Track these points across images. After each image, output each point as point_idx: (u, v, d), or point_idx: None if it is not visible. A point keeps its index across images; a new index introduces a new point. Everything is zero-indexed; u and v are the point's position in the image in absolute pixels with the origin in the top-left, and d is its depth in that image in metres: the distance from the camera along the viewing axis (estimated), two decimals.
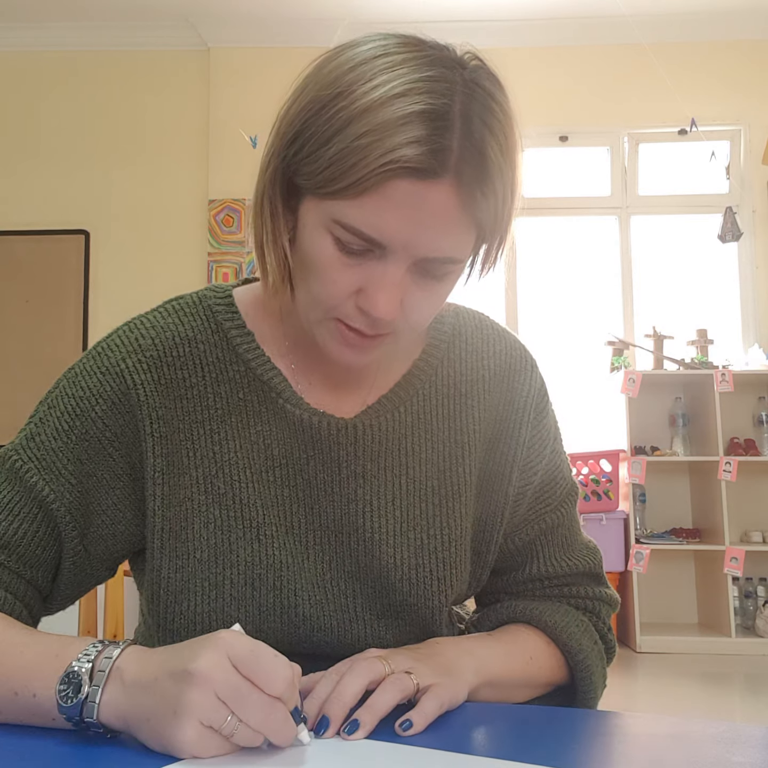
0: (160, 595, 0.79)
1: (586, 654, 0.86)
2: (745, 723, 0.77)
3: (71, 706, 0.60)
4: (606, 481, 4.24)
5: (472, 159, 0.66)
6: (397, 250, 0.68)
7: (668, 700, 3.27)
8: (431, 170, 0.65)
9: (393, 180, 0.65)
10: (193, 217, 4.69)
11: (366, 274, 0.70)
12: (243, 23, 4.58)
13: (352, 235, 0.68)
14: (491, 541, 0.87)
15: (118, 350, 0.80)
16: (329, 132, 0.66)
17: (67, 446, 0.79)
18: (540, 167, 4.92)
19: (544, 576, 0.89)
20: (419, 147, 0.64)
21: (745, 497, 4.28)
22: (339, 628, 0.80)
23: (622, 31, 4.60)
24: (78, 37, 4.79)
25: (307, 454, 0.80)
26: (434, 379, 0.85)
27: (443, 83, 0.66)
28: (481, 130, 0.67)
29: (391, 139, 0.64)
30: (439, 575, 0.81)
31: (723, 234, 4.57)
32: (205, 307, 0.83)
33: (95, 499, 0.80)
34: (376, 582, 0.81)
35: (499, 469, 0.87)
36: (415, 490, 0.82)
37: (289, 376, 0.82)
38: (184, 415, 0.80)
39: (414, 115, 0.64)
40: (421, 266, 0.70)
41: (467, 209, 0.68)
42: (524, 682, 0.83)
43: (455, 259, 0.71)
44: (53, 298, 4.71)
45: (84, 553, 0.81)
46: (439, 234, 0.68)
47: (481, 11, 4.59)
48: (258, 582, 0.78)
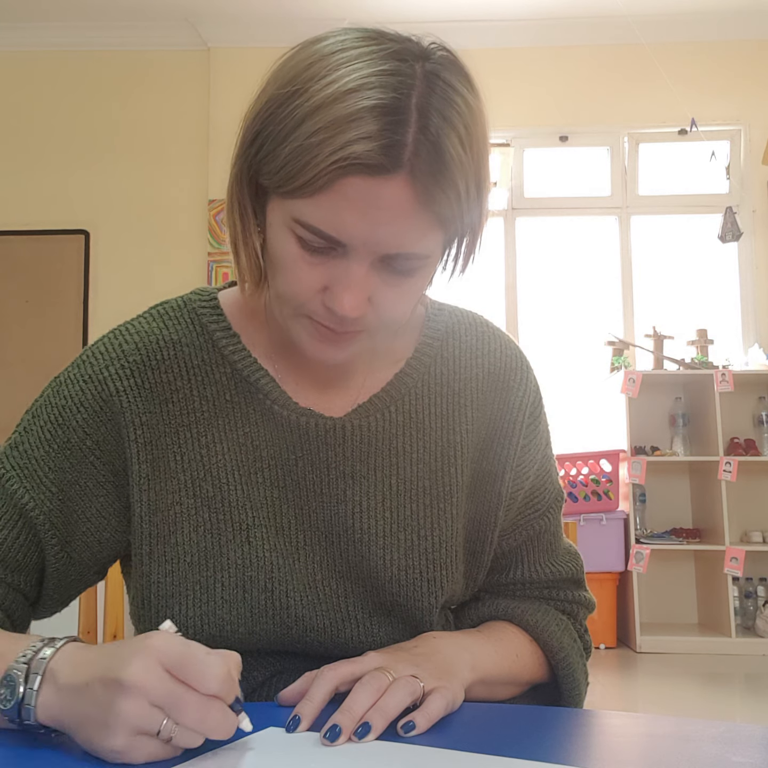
0: (151, 600, 0.79)
1: (567, 652, 0.86)
2: (745, 723, 0.77)
3: (9, 709, 0.59)
4: (606, 481, 4.24)
5: (427, 153, 0.64)
6: (357, 247, 0.67)
7: (668, 700, 3.27)
8: (383, 166, 0.64)
9: (345, 177, 0.64)
10: (193, 217, 4.69)
11: (330, 272, 0.69)
12: (243, 23, 4.58)
13: (312, 234, 0.67)
14: (486, 541, 0.86)
15: (102, 358, 0.80)
16: (285, 130, 0.66)
17: (49, 455, 0.79)
18: (540, 167, 4.93)
19: (527, 581, 0.90)
20: (370, 143, 0.63)
21: (745, 497, 4.28)
22: (332, 627, 0.79)
23: (622, 31, 4.60)
24: (78, 37, 4.79)
25: (296, 455, 0.79)
26: (427, 377, 0.84)
27: (399, 77, 0.65)
28: (439, 123, 0.65)
29: (342, 135, 0.63)
30: (429, 577, 0.81)
31: (723, 234, 4.57)
32: (190, 310, 0.83)
33: (79, 506, 0.80)
34: (367, 582, 0.80)
35: (492, 469, 0.86)
36: (405, 491, 0.81)
37: (277, 376, 0.82)
38: (170, 419, 0.79)
39: (365, 111, 0.63)
40: (385, 263, 0.69)
41: (425, 205, 0.66)
42: (510, 680, 0.84)
43: (420, 255, 0.70)
44: (53, 298, 4.71)
45: (67, 559, 0.80)
46: (398, 230, 0.67)
47: (482, 11, 4.59)
48: (249, 584, 0.77)
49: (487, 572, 0.89)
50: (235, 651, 0.77)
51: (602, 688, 3.46)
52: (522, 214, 4.91)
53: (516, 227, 4.89)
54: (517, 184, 4.89)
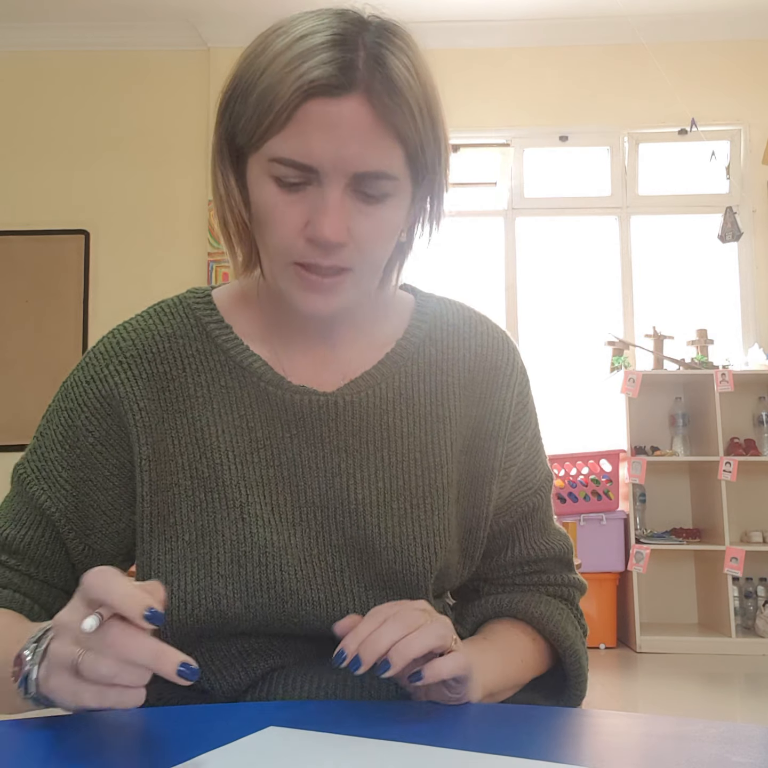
0: (152, 576, 0.82)
1: (573, 640, 0.90)
2: (745, 723, 0.77)
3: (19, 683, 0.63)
4: (606, 481, 4.24)
5: (378, 74, 0.72)
6: (328, 171, 0.73)
7: (668, 700, 3.27)
8: (339, 85, 0.71)
9: (307, 102, 0.72)
10: (193, 217, 4.69)
11: (308, 205, 0.75)
12: (243, 23, 4.58)
13: (287, 167, 0.73)
14: (481, 516, 0.89)
15: (102, 357, 0.86)
16: (251, 81, 0.74)
17: (62, 455, 0.85)
18: (540, 167, 4.93)
19: (525, 560, 0.93)
20: (325, 68, 0.71)
21: (745, 497, 4.28)
22: (327, 601, 0.82)
23: (622, 31, 4.60)
24: (78, 37, 4.79)
25: (291, 433, 0.83)
26: (416, 357, 0.88)
27: (347, 24, 0.74)
28: (385, 53, 0.73)
29: (300, 68, 0.71)
30: (423, 542, 0.84)
31: (723, 234, 4.57)
32: (184, 306, 0.88)
33: (93, 501, 0.85)
34: (363, 553, 0.83)
35: (485, 445, 0.89)
36: (397, 462, 0.85)
37: (270, 360, 0.86)
38: (167, 406, 0.84)
39: (318, 46, 0.72)
40: (357, 188, 0.74)
41: (383, 119, 0.73)
42: (513, 685, 0.86)
43: (387, 174, 0.75)
44: (53, 298, 4.72)
45: (89, 551, 0.86)
46: (362, 146, 0.73)
47: (481, 11, 4.59)
48: (243, 559, 0.80)
49: (484, 554, 0.92)
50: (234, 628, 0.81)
51: (602, 688, 3.46)
52: (522, 214, 4.91)
53: (516, 227, 4.90)
54: (517, 184, 4.90)
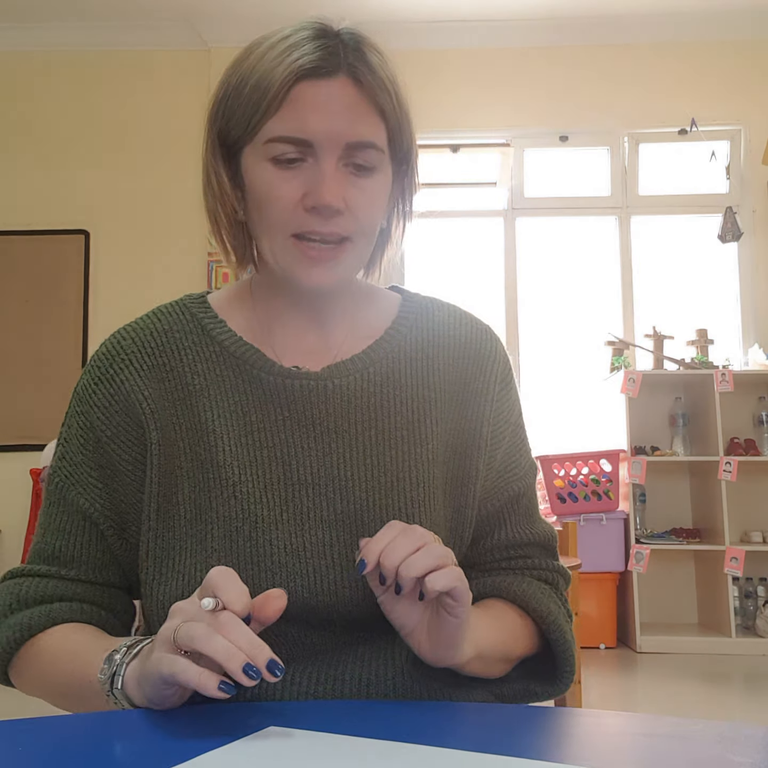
0: (156, 552, 0.88)
1: (556, 615, 0.92)
2: (745, 723, 0.77)
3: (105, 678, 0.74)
4: (606, 481, 4.24)
5: (356, 60, 0.84)
6: (322, 143, 0.82)
7: (668, 700, 3.27)
8: (326, 68, 0.82)
9: (298, 84, 0.82)
10: (193, 217, 4.68)
11: (305, 178, 0.83)
12: (243, 23, 4.58)
13: (285, 143, 0.82)
14: (469, 495, 0.93)
15: (105, 358, 0.92)
16: (243, 80, 0.84)
17: (87, 457, 0.91)
18: (540, 167, 4.93)
19: (510, 544, 0.96)
20: (312, 55, 0.82)
21: (745, 497, 4.28)
22: (316, 573, 0.85)
23: (622, 31, 4.61)
24: (78, 37, 4.80)
25: (283, 416, 0.89)
26: (403, 344, 0.95)
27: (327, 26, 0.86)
28: (359, 47, 0.86)
29: (290, 56, 0.82)
30: (408, 513, 0.88)
31: (723, 234, 4.58)
32: (180, 306, 0.95)
33: (123, 496, 0.90)
34: (352, 527, 0.87)
35: (470, 426, 0.94)
36: (384, 440, 0.90)
37: (263, 348, 0.92)
38: (168, 395, 0.90)
39: (304, 39, 0.84)
40: (349, 160, 0.83)
41: (366, 97, 0.84)
42: (504, 656, 0.89)
43: (375, 145, 0.84)
44: (53, 298, 4.72)
45: (127, 546, 0.91)
46: (352, 119, 0.83)
47: (481, 11, 4.59)
48: (235, 534, 0.85)
49: (471, 540, 0.94)
50: None
51: (602, 688, 3.46)
52: (522, 214, 4.91)
53: (516, 227, 4.90)
54: (517, 184, 4.90)
